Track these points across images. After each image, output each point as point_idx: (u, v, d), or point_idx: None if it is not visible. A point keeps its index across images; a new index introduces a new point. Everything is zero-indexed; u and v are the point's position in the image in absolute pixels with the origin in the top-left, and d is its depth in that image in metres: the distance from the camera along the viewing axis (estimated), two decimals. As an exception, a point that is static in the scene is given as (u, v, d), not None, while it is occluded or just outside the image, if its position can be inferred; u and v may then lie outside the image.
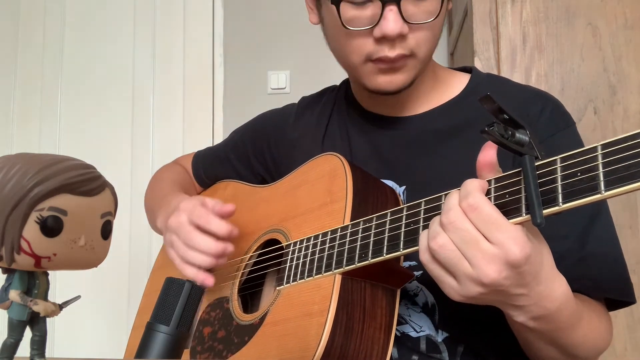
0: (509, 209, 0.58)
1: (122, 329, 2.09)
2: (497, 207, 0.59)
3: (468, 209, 0.58)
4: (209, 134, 2.23)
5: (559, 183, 0.55)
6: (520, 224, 0.58)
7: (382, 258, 0.69)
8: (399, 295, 0.77)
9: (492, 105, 0.58)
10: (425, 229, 0.63)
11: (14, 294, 0.41)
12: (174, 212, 0.89)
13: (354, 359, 0.71)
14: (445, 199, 0.61)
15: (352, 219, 0.76)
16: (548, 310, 0.63)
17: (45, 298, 0.42)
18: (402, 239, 0.67)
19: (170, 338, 0.51)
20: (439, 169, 0.86)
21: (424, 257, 0.62)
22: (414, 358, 0.81)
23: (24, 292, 0.41)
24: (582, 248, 0.77)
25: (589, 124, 1.46)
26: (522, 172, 0.58)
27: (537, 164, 0.57)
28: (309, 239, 0.81)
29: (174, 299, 0.52)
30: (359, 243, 0.73)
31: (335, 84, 1.07)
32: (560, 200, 0.55)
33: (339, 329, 0.70)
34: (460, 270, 0.59)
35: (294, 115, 1.06)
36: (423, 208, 0.67)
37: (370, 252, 0.71)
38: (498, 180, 0.61)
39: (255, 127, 1.12)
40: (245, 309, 0.92)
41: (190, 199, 0.90)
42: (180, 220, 0.87)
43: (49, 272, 0.42)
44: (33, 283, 0.41)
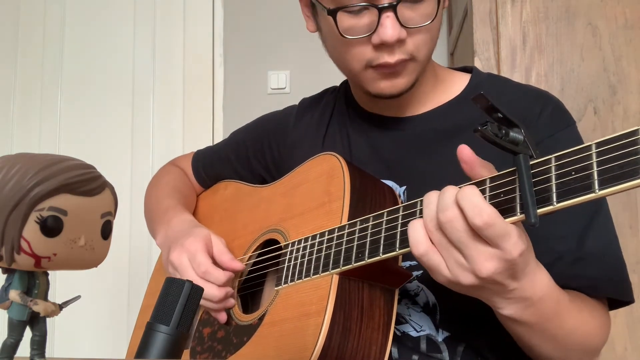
0: (504, 208, 0.58)
1: (122, 329, 2.10)
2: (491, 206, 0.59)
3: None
4: (209, 134, 2.23)
5: (553, 182, 0.55)
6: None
7: (378, 258, 0.69)
8: (398, 295, 0.77)
9: (485, 104, 0.57)
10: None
11: (14, 294, 0.41)
12: (178, 246, 0.90)
13: (352, 359, 0.71)
14: (440, 197, 0.61)
15: (349, 219, 0.76)
16: (532, 300, 0.64)
17: (45, 298, 0.42)
18: (398, 239, 0.67)
19: (170, 338, 0.51)
20: (439, 169, 0.86)
21: (430, 225, 0.61)
22: (414, 358, 0.81)
23: (24, 292, 0.41)
24: (581, 247, 0.78)
25: (589, 124, 1.46)
26: (516, 171, 0.57)
27: (531, 163, 0.57)
28: (307, 239, 0.81)
29: (174, 299, 0.52)
30: (356, 243, 0.73)
31: (335, 85, 1.07)
32: (555, 200, 0.55)
33: (337, 329, 0.70)
34: (455, 259, 0.60)
35: (295, 117, 1.06)
36: (419, 208, 0.67)
37: (367, 251, 0.71)
38: (493, 180, 0.61)
39: (256, 128, 1.12)
40: (245, 309, 0.92)
41: (196, 238, 0.90)
42: (183, 262, 0.88)
43: (49, 272, 0.42)
44: (33, 283, 0.41)
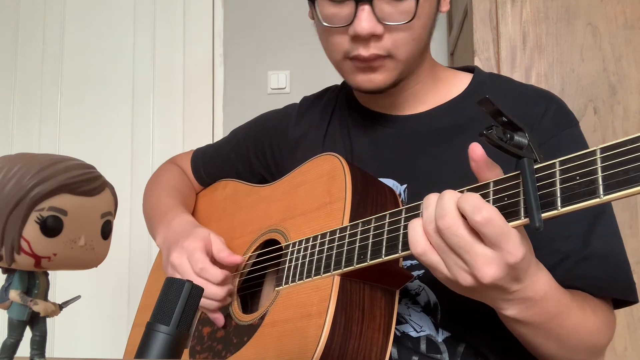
0: (508, 212, 0.58)
1: (122, 329, 2.10)
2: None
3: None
4: (209, 134, 2.23)
5: (558, 187, 0.55)
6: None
7: (380, 260, 0.69)
8: (398, 296, 0.77)
9: (490, 108, 0.57)
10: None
11: (14, 294, 0.41)
12: (177, 247, 0.90)
13: None
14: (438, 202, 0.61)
15: (351, 220, 0.76)
16: (535, 300, 0.64)
17: (45, 298, 0.42)
18: (400, 240, 0.67)
19: (170, 338, 0.51)
20: (440, 168, 0.86)
21: (429, 227, 0.61)
22: (414, 358, 0.81)
23: (24, 292, 0.41)
24: (585, 247, 0.77)
25: (589, 124, 1.46)
26: (520, 175, 0.57)
27: (536, 167, 0.57)
28: (308, 240, 0.80)
29: (174, 299, 0.52)
30: (358, 244, 0.72)
31: (337, 84, 1.07)
32: (559, 204, 0.54)
33: (338, 330, 0.70)
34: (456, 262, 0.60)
35: (296, 115, 1.06)
36: (421, 211, 0.66)
37: (369, 253, 0.71)
38: (497, 183, 0.60)
39: (256, 126, 1.12)
40: (245, 309, 0.92)
41: (195, 238, 0.90)
42: (182, 263, 0.89)
43: (49, 272, 0.42)
44: (33, 283, 0.41)
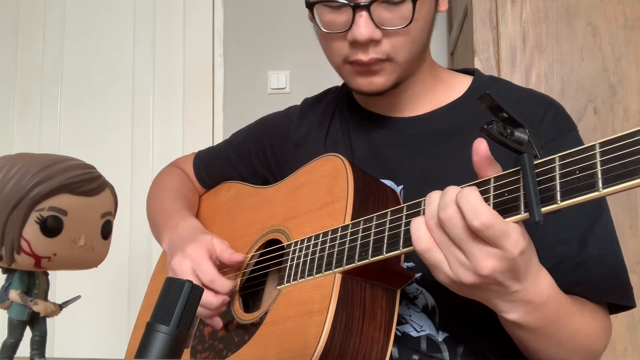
0: (508, 207, 0.59)
1: (122, 329, 2.10)
2: (496, 205, 0.59)
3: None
4: (209, 134, 2.23)
5: (558, 181, 0.56)
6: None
7: (381, 257, 0.69)
8: (399, 296, 0.77)
9: (491, 103, 0.58)
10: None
11: (14, 294, 0.41)
12: (179, 252, 0.90)
13: (353, 358, 0.71)
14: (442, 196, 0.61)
15: (352, 219, 0.76)
16: (536, 304, 0.64)
17: (45, 298, 0.42)
18: (402, 237, 0.67)
19: (170, 338, 0.51)
20: (437, 169, 0.86)
21: (431, 222, 0.61)
22: (415, 358, 0.81)
23: (24, 292, 0.41)
24: (582, 251, 0.77)
25: (589, 124, 1.46)
26: (520, 170, 0.58)
27: (535, 162, 0.58)
28: (310, 239, 0.81)
29: (174, 299, 0.52)
30: (359, 242, 0.73)
31: (337, 85, 1.07)
32: (559, 198, 0.55)
33: (339, 328, 0.70)
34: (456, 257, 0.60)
35: (297, 116, 1.06)
36: (423, 208, 0.66)
37: (370, 250, 0.71)
38: (497, 179, 0.61)
39: (258, 128, 1.12)
40: (247, 309, 0.92)
41: (198, 245, 0.89)
42: (182, 268, 0.88)
43: (49, 272, 0.42)
44: (33, 283, 0.41)
